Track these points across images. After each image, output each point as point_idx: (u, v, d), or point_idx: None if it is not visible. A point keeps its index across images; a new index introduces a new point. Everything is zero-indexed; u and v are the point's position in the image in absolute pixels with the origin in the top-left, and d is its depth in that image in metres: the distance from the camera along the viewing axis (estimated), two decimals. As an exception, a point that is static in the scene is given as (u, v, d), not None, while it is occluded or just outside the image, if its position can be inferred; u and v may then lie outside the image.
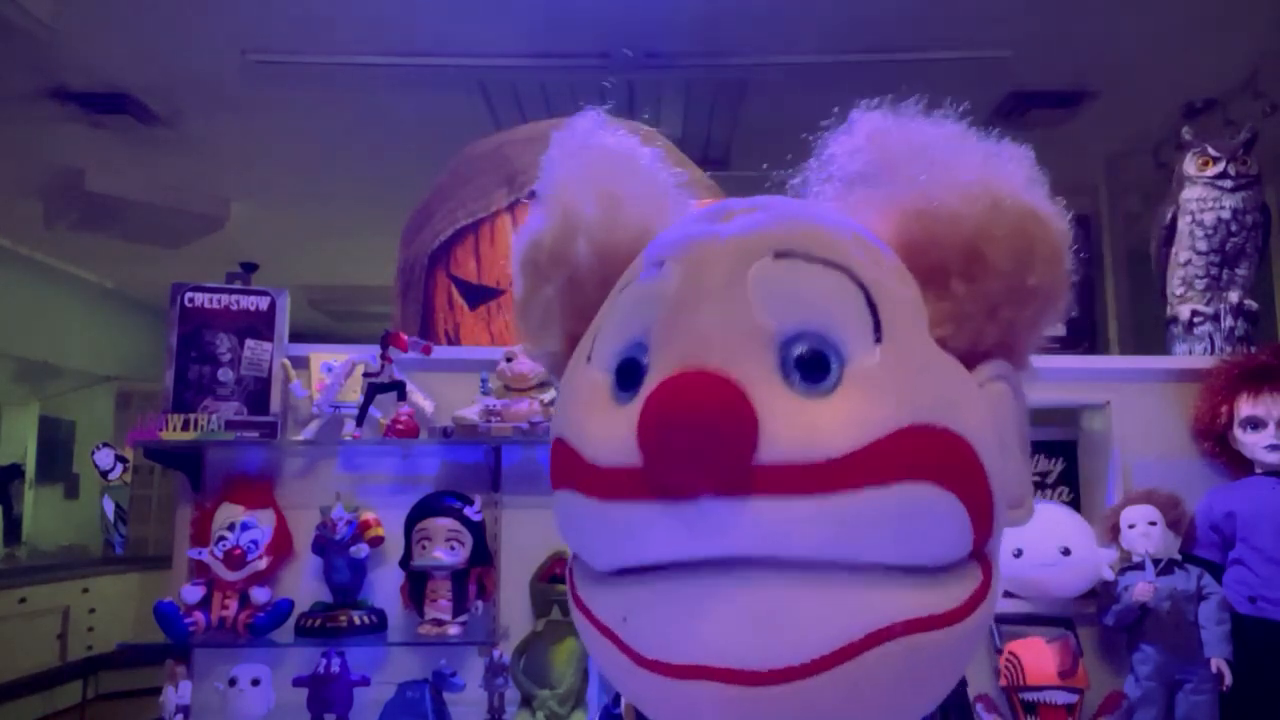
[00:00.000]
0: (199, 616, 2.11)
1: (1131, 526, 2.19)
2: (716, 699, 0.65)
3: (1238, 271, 2.54)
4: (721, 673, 0.65)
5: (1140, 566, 2.15)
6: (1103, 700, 2.14)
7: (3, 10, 3.08)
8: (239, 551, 2.12)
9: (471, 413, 2.22)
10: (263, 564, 2.16)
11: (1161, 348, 2.67)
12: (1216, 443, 2.32)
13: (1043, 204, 0.76)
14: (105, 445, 2.31)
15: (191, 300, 2.30)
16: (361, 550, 2.16)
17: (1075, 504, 2.51)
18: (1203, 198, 2.54)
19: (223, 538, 2.14)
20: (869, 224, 0.78)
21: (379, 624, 2.20)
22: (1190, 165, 2.58)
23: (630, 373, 0.71)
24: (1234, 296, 2.53)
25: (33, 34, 3.24)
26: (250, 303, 2.33)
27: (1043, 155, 0.80)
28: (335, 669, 2.07)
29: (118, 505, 2.43)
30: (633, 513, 0.66)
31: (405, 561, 2.20)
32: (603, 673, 1.01)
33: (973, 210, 0.74)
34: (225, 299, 2.32)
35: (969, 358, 0.74)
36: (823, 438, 0.63)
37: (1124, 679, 2.18)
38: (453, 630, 2.14)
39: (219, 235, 5.27)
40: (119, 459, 2.30)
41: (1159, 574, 2.13)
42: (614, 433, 0.68)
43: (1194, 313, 2.55)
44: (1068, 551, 2.14)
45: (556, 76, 3.70)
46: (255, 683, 2.07)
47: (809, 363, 0.66)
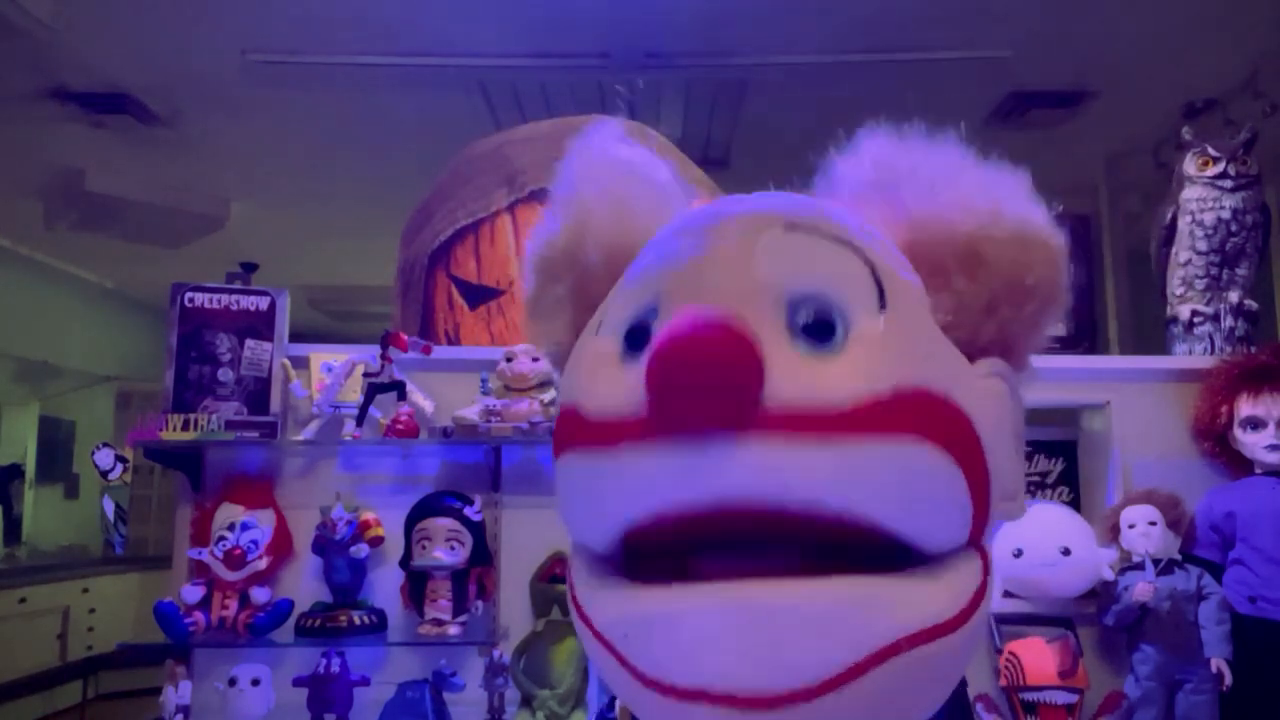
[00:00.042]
0: (199, 616, 2.11)
1: (1131, 526, 2.19)
2: None
3: (1238, 271, 2.54)
4: (726, 698, 0.64)
5: (1140, 566, 2.15)
6: (1103, 700, 2.14)
7: (3, 10, 3.08)
8: (239, 551, 2.12)
9: (471, 413, 2.22)
10: (263, 564, 2.16)
11: (1161, 348, 2.67)
12: (1216, 443, 2.33)
13: (1042, 217, 0.79)
14: (105, 445, 2.30)
15: (191, 300, 2.30)
16: (361, 550, 2.16)
17: (1075, 504, 2.51)
18: (1203, 198, 2.54)
19: (223, 538, 2.14)
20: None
21: (379, 624, 2.19)
22: (1190, 165, 2.58)
23: (639, 336, 0.71)
24: (1234, 296, 2.53)
25: (33, 34, 3.24)
26: (250, 303, 2.33)
27: (1043, 155, 0.81)
28: (335, 669, 2.07)
29: (118, 505, 2.43)
30: (634, 456, 0.66)
31: (405, 561, 2.20)
32: (604, 681, 1.01)
33: (973, 217, 0.76)
34: (225, 299, 2.32)
35: (968, 353, 0.75)
36: (828, 388, 0.64)
37: (1124, 679, 2.18)
38: (453, 630, 2.14)
39: (219, 235, 5.27)
40: (119, 459, 2.30)
41: (1159, 574, 2.13)
42: (618, 388, 0.68)
43: (1194, 313, 2.55)
44: (1068, 551, 2.14)
45: (556, 76, 3.70)
46: (255, 683, 2.07)
47: (814, 326, 0.67)
